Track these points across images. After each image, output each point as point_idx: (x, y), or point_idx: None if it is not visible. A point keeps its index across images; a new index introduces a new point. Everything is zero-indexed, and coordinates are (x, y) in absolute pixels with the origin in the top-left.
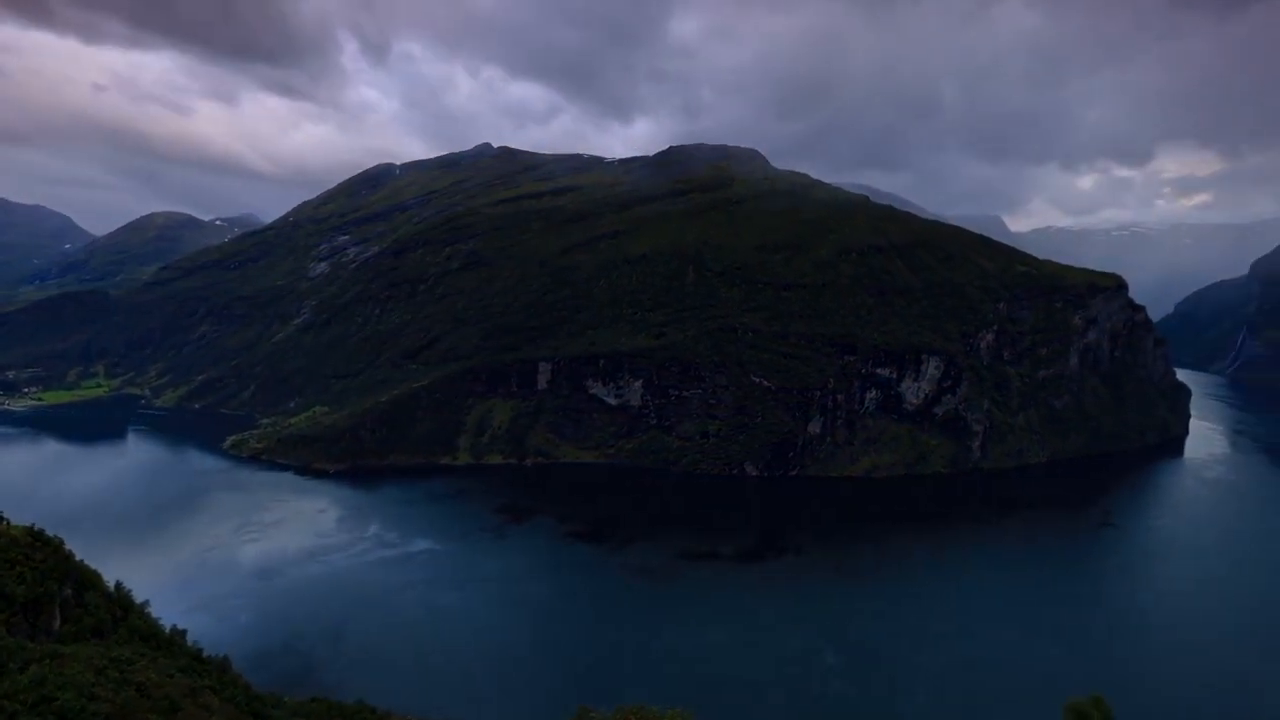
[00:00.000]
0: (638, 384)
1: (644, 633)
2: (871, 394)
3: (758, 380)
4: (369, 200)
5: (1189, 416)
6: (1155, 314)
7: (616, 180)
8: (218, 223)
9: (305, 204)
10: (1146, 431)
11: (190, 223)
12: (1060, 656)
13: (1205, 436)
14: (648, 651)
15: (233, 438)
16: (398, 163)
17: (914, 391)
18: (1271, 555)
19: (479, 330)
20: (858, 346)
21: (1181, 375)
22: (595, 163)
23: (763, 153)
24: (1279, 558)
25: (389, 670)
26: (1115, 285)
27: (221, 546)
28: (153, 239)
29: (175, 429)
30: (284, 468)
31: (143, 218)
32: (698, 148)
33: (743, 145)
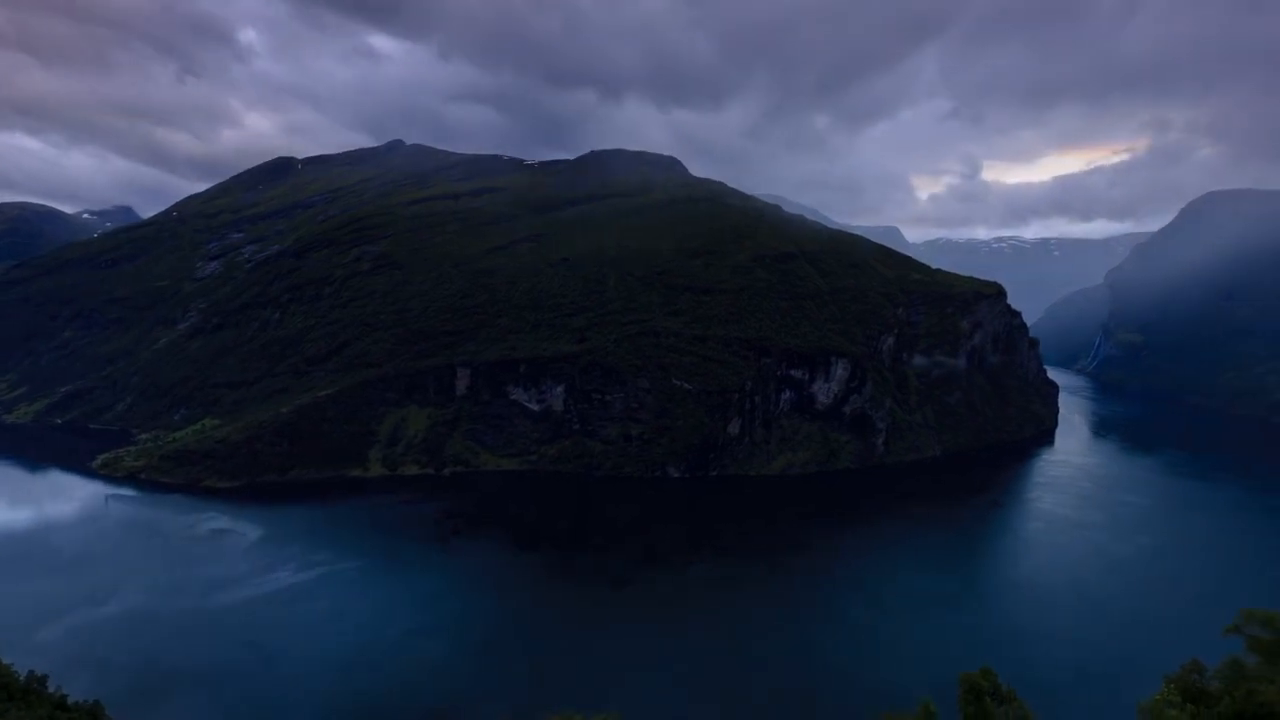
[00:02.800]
0: (560, 389)
1: (575, 641)
2: (786, 395)
3: (678, 383)
4: (267, 196)
5: (1058, 410)
6: (1028, 318)
7: (535, 183)
8: (86, 216)
9: (192, 198)
10: (1024, 424)
11: (51, 215)
12: (957, 630)
13: (1072, 426)
14: (580, 659)
15: (104, 456)
16: (299, 156)
17: (825, 392)
18: (1129, 524)
19: (391, 335)
20: (772, 349)
21: (1051, 373)
22: (514, 165)
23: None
24: (1136, 527)
25: (293, 708)
26: (996, 292)
27: (92, 578)
28: (3, 233)
29: (32, 446)
30: (168, 488)
31: None
32: (617, 154)
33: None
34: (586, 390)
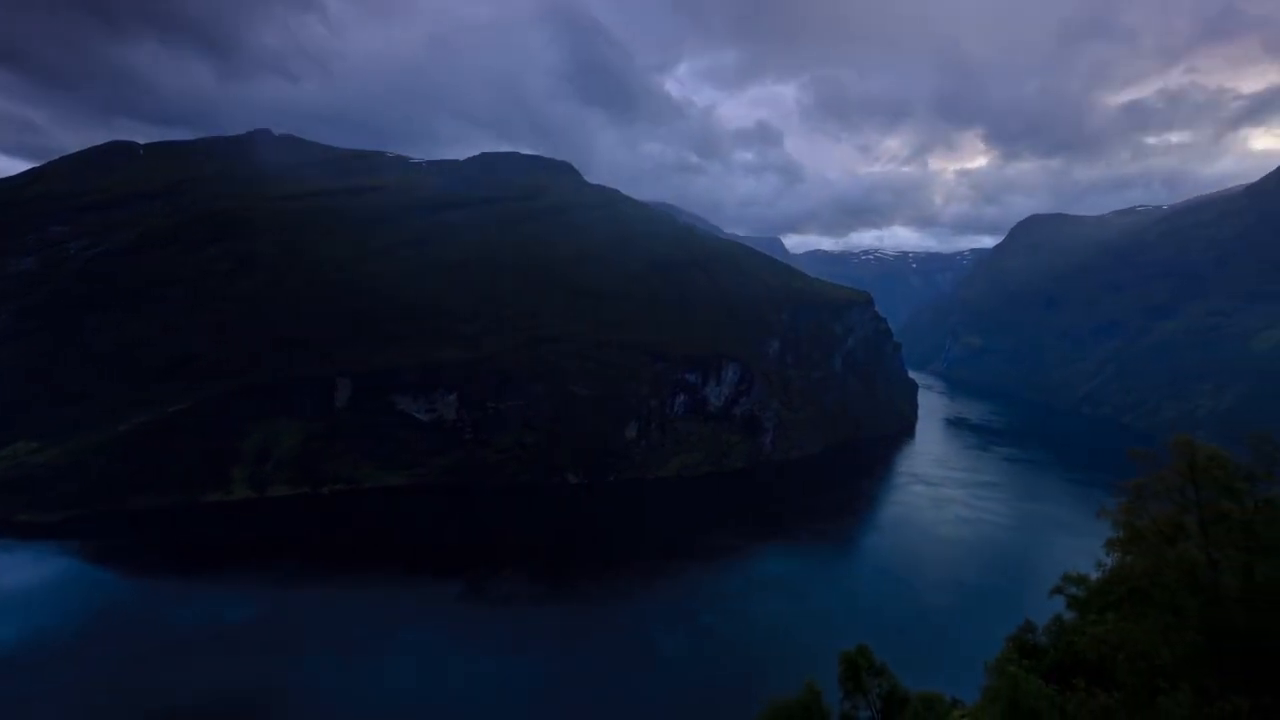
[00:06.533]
0: (452, 398)
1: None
2: (680, 398)
3: (575, 389)
4: (98, 185)
5: (918, 406)
6: (890, 324)
7: (420, 183)
8: None
9: None
10: (890, 420)
11: None
12: (838, 608)
13: (929, 421)
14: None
15: None
16: (140, 141)
17: (716, 395)
18: (985, 503)
19: (257, 343)
20: (668, 354)
21: (910, 373)
22: (399, 162)
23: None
24: (992, 504)
25: None
26: (866, 300)
27: None
28: None
29: None
30: None
31: None
32: (509, 156)
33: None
34: (480, 398)
